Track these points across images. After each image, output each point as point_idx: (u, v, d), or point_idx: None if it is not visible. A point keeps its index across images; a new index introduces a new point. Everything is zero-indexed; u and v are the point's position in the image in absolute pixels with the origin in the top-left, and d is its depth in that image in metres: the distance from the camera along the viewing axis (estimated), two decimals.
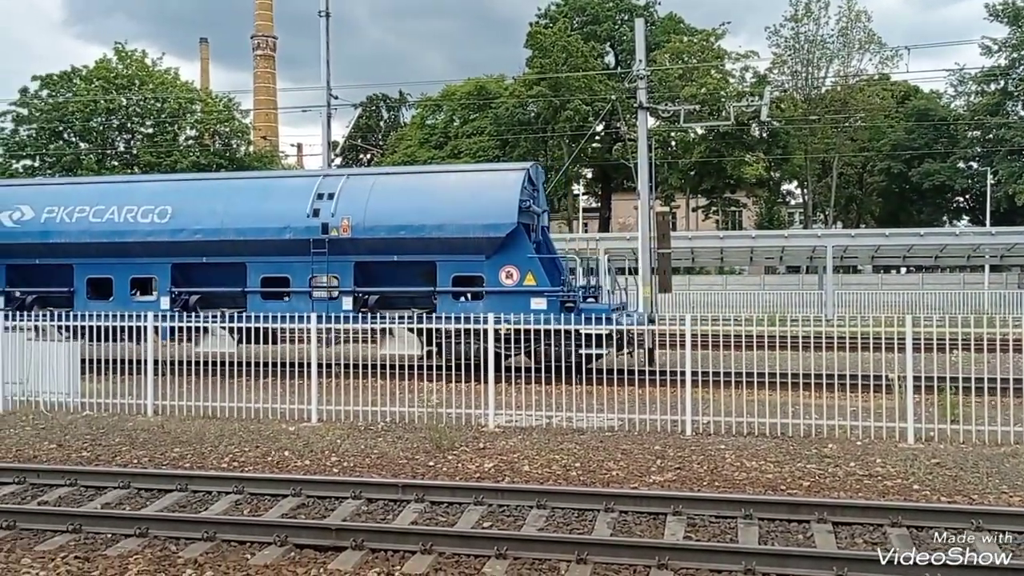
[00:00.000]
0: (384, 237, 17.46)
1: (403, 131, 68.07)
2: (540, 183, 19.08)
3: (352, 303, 17.61)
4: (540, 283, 17.10)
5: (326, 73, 29.99)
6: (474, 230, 17.06)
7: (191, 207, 18.69)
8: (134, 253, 18.74)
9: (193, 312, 17.05)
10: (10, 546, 7.21)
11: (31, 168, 52.06)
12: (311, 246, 17.63)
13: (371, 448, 10.79)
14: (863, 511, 7.66)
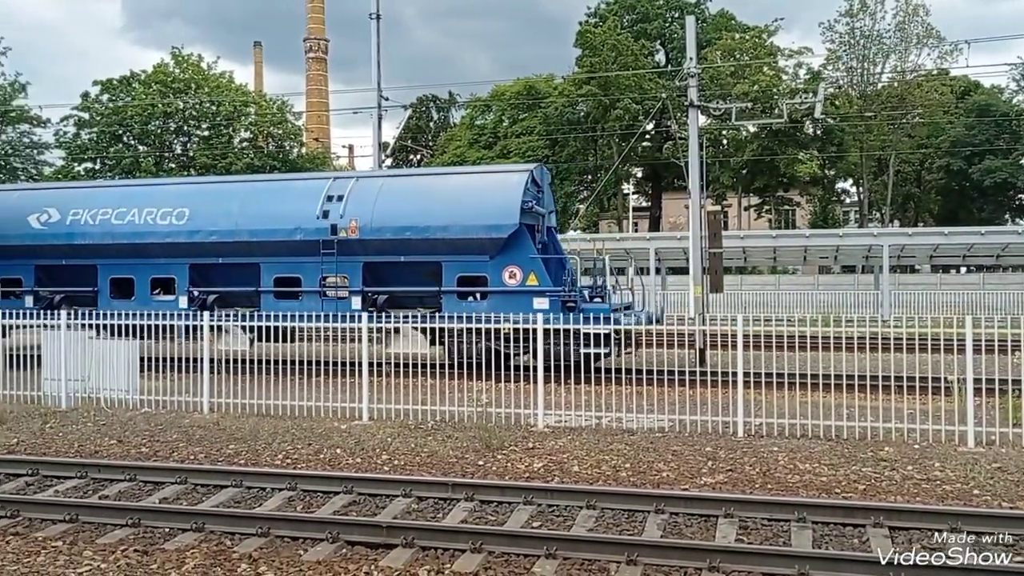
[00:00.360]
0: (391, 238, 17.83)
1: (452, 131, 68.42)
2: (546, 184, 19.30)
3: (361, 302, 17.89)
4: (543, 283, 17.30)
5: (377, 75, 30.30)
6: (477, 231, 17.35)
7: (207, 209, 19.26)
8: (154, 254, 19.33)
9: (210, 311, 17.33)
10: (73, 539, 7.42)
11: (92, 171, 53.47)
12: (321, 247, 18.06)
13: (421, 447, 10.86)
14: (921, 516, 7.49)
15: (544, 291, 17.13)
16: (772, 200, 59.49)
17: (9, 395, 14.52)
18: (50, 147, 54.78)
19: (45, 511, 8.04)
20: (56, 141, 53.88)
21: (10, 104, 52.35)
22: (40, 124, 53.26)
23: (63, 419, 12.96)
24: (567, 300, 17.10)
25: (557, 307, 16.85)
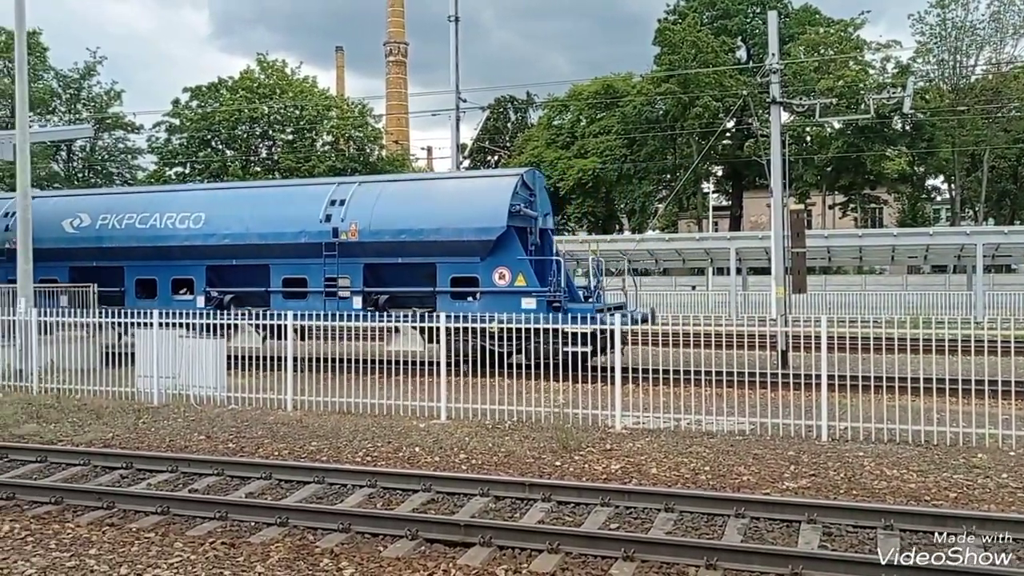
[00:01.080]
0: (388, 240, 18.61)
1: (530, 132, 68.55)
2: (539, 188, 19.89)
3: (362, 302, 18.70)
4: (530, 284, 17.87)
5: (455, 77, 30.58)
6: (468, 233, 18.04)
7: (221, 213, 20.36)
8: (174, 256, 20.40)
9: (227, 310, 18.00)
10: (164, 530, 7.69)
11: (182, 175, 55.34)
12: (324, 249, 18.92)
13: (498, 446, 10.91)
14: (1016, 526, 7.18)
15: (531, 291, 17.71)
16: (858, 198, 57.85)
17: (105, 391, 15.14)
18: (143, 152, 57.00)
19: (139, 503, 8.36)
20: (148, 146, 56.00)
21: (106, 111, 54.64)
22: (134, 130, 55.46)
23: (155, 415, 13.45)
24: (552, 300, 17.59)
25: (544, 307, 17.42)
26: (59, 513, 8.26)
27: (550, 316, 15.28)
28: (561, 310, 17.09)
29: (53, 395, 15.05)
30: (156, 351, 14.76)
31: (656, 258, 43.69)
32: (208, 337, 14.86)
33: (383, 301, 18.66)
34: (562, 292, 17.90)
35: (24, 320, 16.33)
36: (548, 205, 20.89)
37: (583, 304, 18.34)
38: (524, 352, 16.00)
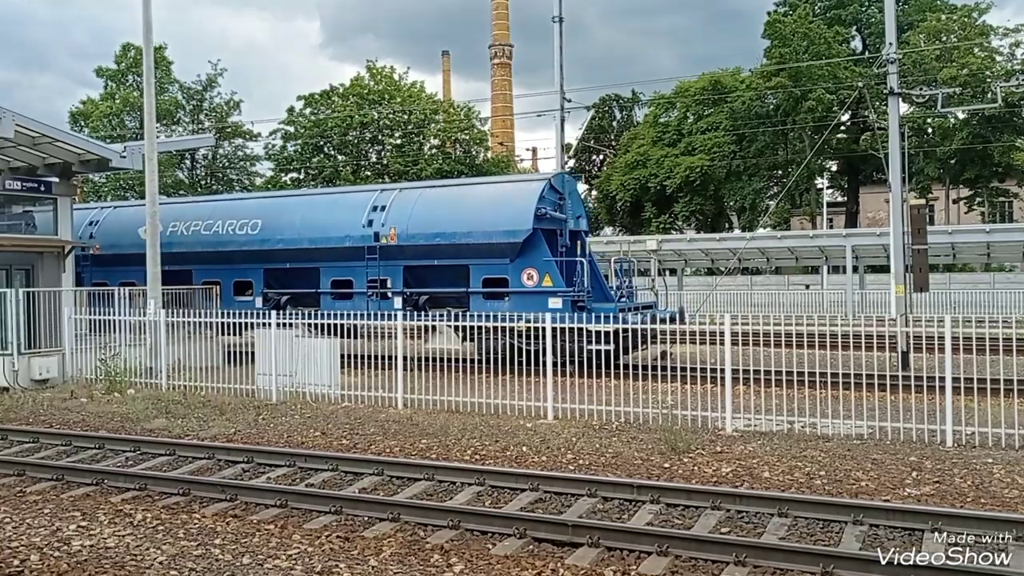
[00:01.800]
0: (424, 244, 19.73)
1: (635, 130, 67.91)
2: (569, 192, 20.50)
3: (402, 303, 19.74)
4: (556, 284, 18.56)
5: (559, 77, 30.55)
6: (497, 236, 18.94)
7: (275, 220, 21.87)
8: (235, 260, 21.85)
9: (283, 310, 18.86)
10: (283, 523, 7.99)
11: (297, 180, 57.28)
12: (366, 252, 20.07)
13: (606, 447, 10.86)
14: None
15: (557, 291, 18.39)
16: (985, 192, 54.85)
17: (228, 388, 15.82)
18: (260, 159, 59.30)
19: (259, 496, 8.70)
20: (265, 153, 58.21)
21: (226, 121, 57.08)
22: (252, 138, 57.77)
23: (273, 411, 13.97)
24: (577, 300, 18.23)
25: (569, 306, 18.03)
26: (187, 504, 8.68)
27: (574, 316, 15.73)
28: (585, 309, 17.59)
29: (180, 392, 15.82)
30: (274, 350, 15.33)
31: (768, 256, 42.64)
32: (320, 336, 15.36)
33: (423, 301, 19.63)
34: (586, 292, 18.46)
35: (153, 321, 17.23)
36: (581, 208, 21.54)
37: (607, 304, 18.78)
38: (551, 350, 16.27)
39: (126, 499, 8.89)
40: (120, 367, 16.68)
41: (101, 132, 50.05)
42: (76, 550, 7.24)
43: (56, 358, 17.32)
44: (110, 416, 13.86)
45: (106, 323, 17.91)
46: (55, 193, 20.10)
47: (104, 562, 6.93)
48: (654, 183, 58.40)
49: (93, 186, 52.36)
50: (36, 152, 19.44)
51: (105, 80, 56.93)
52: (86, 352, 17.49)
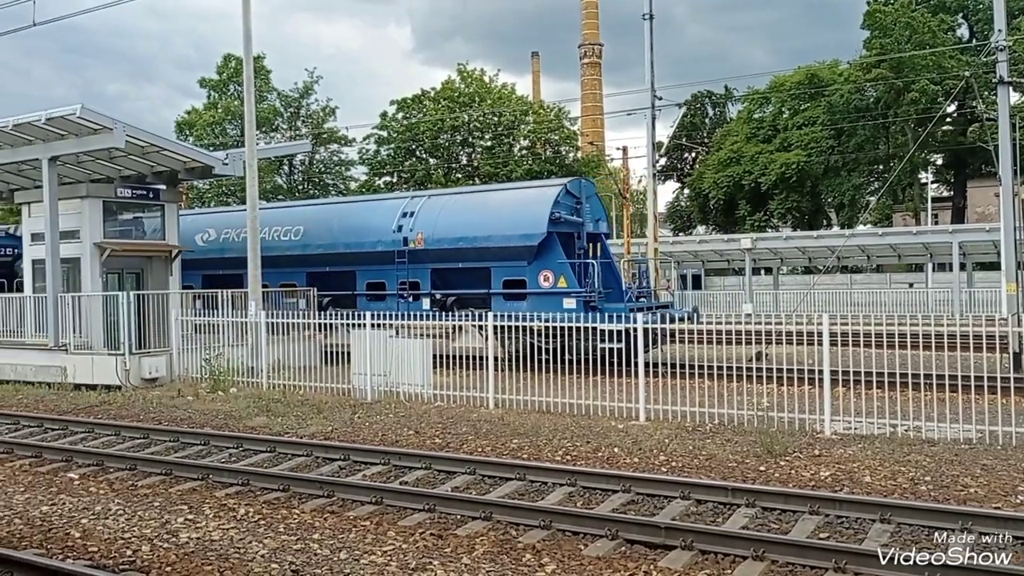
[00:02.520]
0: (449, 247, 20.74)
1: (728, 127, 66.67)
2: (586, 196, 21.27)
3: (429, 303, 20.85)
4: (571, 285, 19.32)
5: (650, 75, 30.30)
6: (515, 239, 19.84)
7: (315, 226, 23.26)
8: (281, 264, 22.87)
9: (324, 311, 19.59)
10: (378, 519, 8.15)
11: (390, 184, 58.32)
12: (395, 256, 21.31)
13: (699, 449, 10.71)
14: None
15: (571, 292, 19.16)
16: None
17: (326, 387, 16.23)
18: (355, 164, 60.65)
19: (355, 493, 8.90)
20: (359, 158, 59.49)
21: (322, 127, 58.59)
22: (346, 143, 59.15)
23: (368, 410, 14.26)
24: (589, 300, 19.00)
25: (582, 307, 18.75)
26: (286, 500, 8.95)
27: (588, 316, 16.12)
28: (596, 309, 18.27)
29: (280, 390, 16.32)
30: (369, 350, 15.66)
31: (868, 254, 41.31)
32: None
33: (450, 302, 20.64)
34: (597, 292, 19.26)
35: (254, 322, 17.83)
36: (601, 212, 22.46)
37: (617, 304, 19.27)
38: (567, 348, 16.39)
39: (230, 494, 9.22)
40: (223, 367, 17.31)
41: (204, 140, 52.06)
42: (184, 542, 7.55)
43: (164, 358, 18.09)
44: (214, 414, 14.40)
45: (210, 324, 18.62)
46: (162, 200, 21.01)
47: (209, 554, 7.20)
48: (748, 180, 57.23)
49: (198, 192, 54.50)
50: (145, 161, 20.37)
51: (208, 90, 59.20)
52: (192, 352, 18.22)
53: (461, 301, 20.58)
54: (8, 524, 8.23)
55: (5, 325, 20.11)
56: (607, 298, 19.89)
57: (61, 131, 18.11)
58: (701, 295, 44.78)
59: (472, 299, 20.42)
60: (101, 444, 12.18)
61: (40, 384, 18.15)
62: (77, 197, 19.51)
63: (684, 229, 70.50)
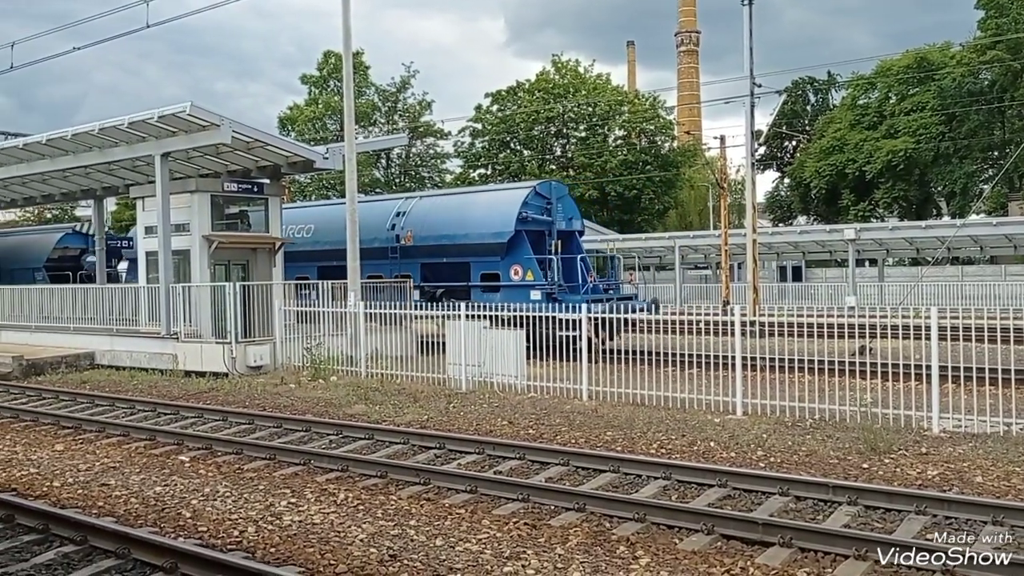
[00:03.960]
0: (434, 244, 22.86)
1: (831, 114, 64.59)
2: (558, 197, 23.22)
3: (420, 295, 22.78)
4: (536, 278, 21.39)
5: (749, 62, 29.59)
6: (488, 237, 21.91)
7: (324, 225, 25.20)
8: (298, 259, 24.53)
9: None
10: (473, 508, 8.25)
11: (484, 176, 58.74)
12: (389, 252, 23.75)
13: (799, 445, 10.45)
14: None
15: (536, 285, 21.20)
16: None
17: (421, 377, 16.51)
18: (450, 156, 61.34)
19: (450, 481, 9.03)
20: (454, 151, 60.12)
21: (419, 120, 59.42)
22: (442, 136, 59.89)
23: (463, 400, 14.44)
24: (551, 292, 21.00)
25: (545, 298, 20.50)
26: (384, 486, 9.15)
27: (550, 306, 17.63)
28: (557, 300, 19.90)
29: (377, 379, 16.68)
30: (464, 341, 15.85)
31: (981, 245, 39.45)
32: None
33: (439, 294, 22.57)
34: (557, 285, 21.45)
35: (353, 312, 18.26)
36: (573, 211, 24.43)
37: (576, 295, 20.72)
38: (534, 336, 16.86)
39: (330, 479, 9.49)
40: (324, 355, 17.80)
41: (306, 135, 53.54)
42: (287, 524, 7.81)
43: (268, 346, 18.72)
44: (315, 401, 14.83)
45: (311, 314, 19.17)
46: (266, 194, 21.69)
47: (311, 536, 7.43)
48: (852, 169, 55.39)
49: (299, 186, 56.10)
50: (250, 156, 21.08)
51: (309, 87, 60.79)
52: (294, 341, 18.79)
53: (451, 292, 22.44)
54: (125, 503, 8.68)
55: (122, 314, 21.16)
56: (573, 290, 21.86)
57: (172, 128, 18.90)
58: (801, 287, 43.60)
59: (456, 291, 22.49)
60: (210, 429, 12.70)
61: (153, 370, 19.04)
62: (187, 192, 20.32)
63: (784, 220, 68.72)
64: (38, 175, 23.65)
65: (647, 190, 55.32)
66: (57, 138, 20.70)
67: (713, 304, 34.02)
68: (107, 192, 26.41)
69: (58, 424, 13.31)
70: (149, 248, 21.06)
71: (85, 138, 20.28)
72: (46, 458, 10.92)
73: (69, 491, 9.20)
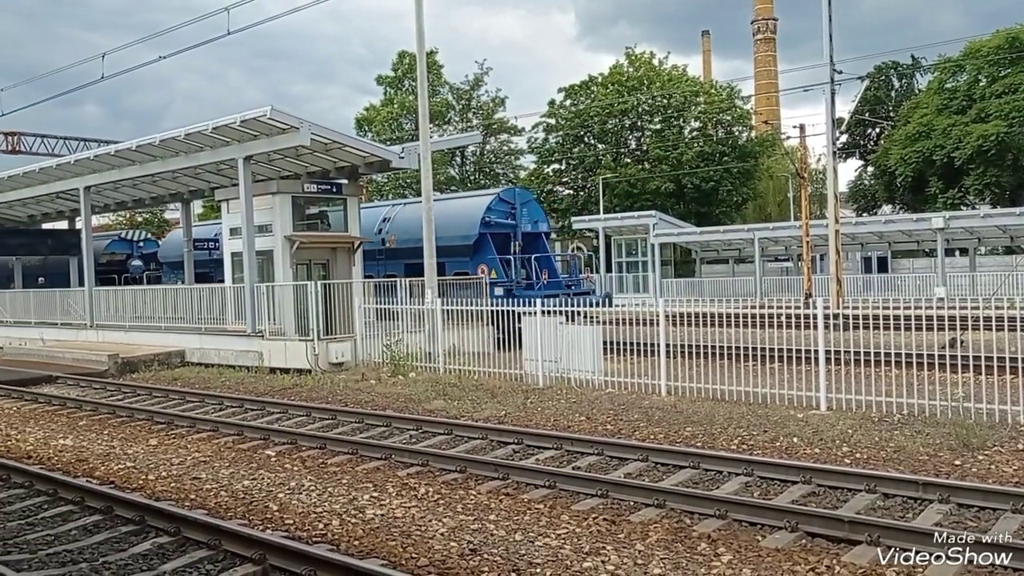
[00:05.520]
0: (413, 246, 23.88)
1: (917, 99, 62.39)
2: (522, 203, 26.14)
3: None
4: (500, 276, 23.95)
5: (828, 48, 28.83)
6: (458, 239, 24.60)
7: None
8: None
9: None
10: (552, 503, 8.27)
11: (559, 171, 58.64)
12: (376, 254, 26.19)
13: (886, 441, 10.16)
14: None
15: (499, 282, 23.60)
16: None
17: (499, 372, 16.60)
18: (524, 152, 61.41)
19: (529, 476, 9.07)
20: (528, 147, 60.14)
21: (492, 118, 59.66)
22: (516, 133, 59.98)
23: (540, 395, 14.47)
24: (510, 288, 23.40)
25: (506, 293, 22.45)
26: (463, 480, 9.25)
27: (509, 301, 18.69)
28: (514, 296, 21.69)
29: (455, 375, 16.84)
30: (540, 337, 15.87)
31: None
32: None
33: None
34: (515, 282, 24.10)
35: (431, 309, 18.47)
36: (539, 214, 27.50)
37: (533, 291, 23.00)
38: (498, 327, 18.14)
39: (411, 473, 9.63)
40: (403, 352, 18.06)
41: (382, 136, 54.31)
42: (369, 518, 7.97)
43: (349, 343, 19.08)
44: (395, 397, 15.06)
45: (390, 311, 19.47)
46: (345, 194, 22.11)
47: (393, 530, 7.56)
48: (940, 155, 53.39)
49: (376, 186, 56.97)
50: (328, 157, 21.51)
51: (384, 87, 61.61)
52: (374, 338, 19.12)
53: None
54: (216, 496, 8.97)
55: (210, 313, 21.86)
56: (531, 287, 24.38)
57: (253, 132, 19.42)
58: (887, 279, 42.29)
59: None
60: (294, 424, 13.03)
61: (240, 368, 19.62)
62: (269, 193, 20.86)
63: (868, 209, 66.68)
64: (129, 180, 24.60)
65: (725, 182, 54.43)
66: (146, 144, 21.50)
67: (795, 297, 33.29)
68: (193, 195, 27.31)
69: (152, 420, 13.84)
70: (234, 249, 21.70)
71: (172, 144, 21.01)
72: (141, 452, 11.37)
73: (163, 484, 9.57)
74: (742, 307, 15.09)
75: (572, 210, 55.35)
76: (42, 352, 24.56)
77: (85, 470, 10.39)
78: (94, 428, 13.41)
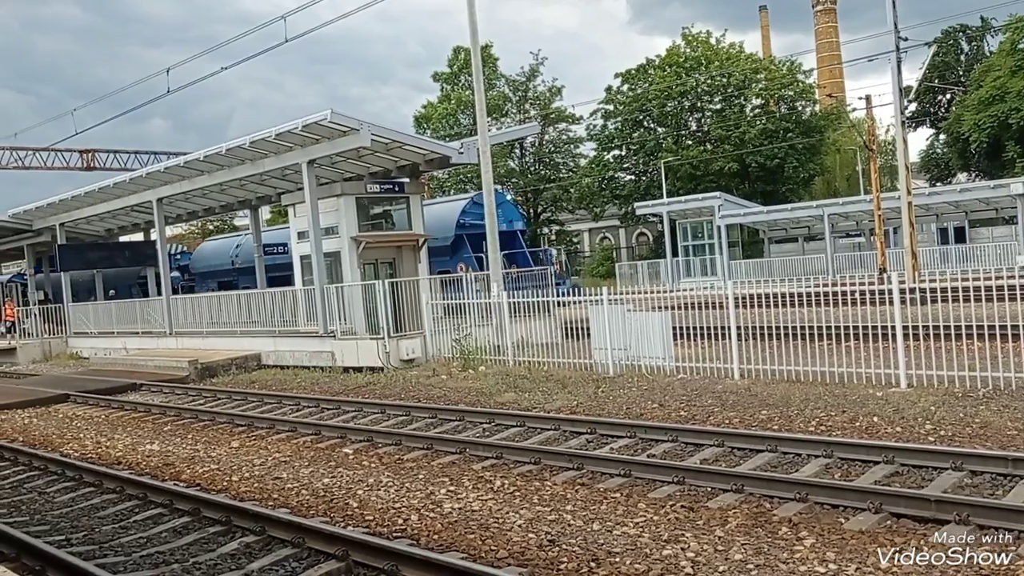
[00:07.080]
0: (220, 269, 27.67)
1: (989, 61, 60.11)
2: (496, 204, 26.05)
3: None
4: None
5: (892, 15, 28.00)
6: (438, 240, 26.27)
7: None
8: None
9: None
10: (628, 492, 8.24)
11: (619, 157, 58.16)
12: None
13: (971, 417, 9.85)
14: None
15: None
16: None
17: (568, 363, 16.60)
18: (583, 140, 61.08)
19: (604, 466, 9.05)
20: (587, 135, 59.79)
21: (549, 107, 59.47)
22: (574, 121, 59.71)
23: (611, 384, 14.41)
24: None
25: None
26: (538, 472, 9.27)
27: None
28: None
29: (525, 367, 16.88)
30: (608, 325, 15.81)
31: None
32: None
33: None
34: None
35: (498, 302, 18.55)
36: (513, 214, 30.61)
37: None
38: None
39: (486, 467, 9.70)
40: (472, 346, 18.17)
41: (440, 132, 54.61)
42: (447, 512, 8.06)
43: (419, 340, 19.29)
44: (466, 391, 15.18)
45: (457, 306, 19.62)
46: (407, 192, 22.32)
47: (471, 523, 7.63)
48: (1016, 118, 51.35)
49: (438, 182, 57.36)
50: (389, 156, 21.74)
51: (440, 83, 61.91)
52: (442, 333, 19.29)
53: None
54: (297, 495, 9.18)
55: (283, 316, 22.33)
56: None
57: (315, 136, 19.74)
58: (965, 249, 40.92)
59: None
60: (370, 422, 13.24)
61: (314, 368, 20.00)
62: (333, 195, 21.17)
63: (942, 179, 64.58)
64: (199, 190, 25.24)
65: (790, 158, 53.29)
66: (213, 154, 22.04)
67: (868, 273, 32.48)
68: (261, 201, 27.89)
69: (232, 423, 14.21)
70: (303, 252, 22.09)
71: (237, 152, 21.49)
72: (224, 455, 11.69)
73: (247, 485, 9.82)
74: (813, 286, 14.75)
75: (635, 196, 54.89)
76: (126, 361, 25.43)
77: (172, 474, 10.73)
78: (178, 433, 13.83)
